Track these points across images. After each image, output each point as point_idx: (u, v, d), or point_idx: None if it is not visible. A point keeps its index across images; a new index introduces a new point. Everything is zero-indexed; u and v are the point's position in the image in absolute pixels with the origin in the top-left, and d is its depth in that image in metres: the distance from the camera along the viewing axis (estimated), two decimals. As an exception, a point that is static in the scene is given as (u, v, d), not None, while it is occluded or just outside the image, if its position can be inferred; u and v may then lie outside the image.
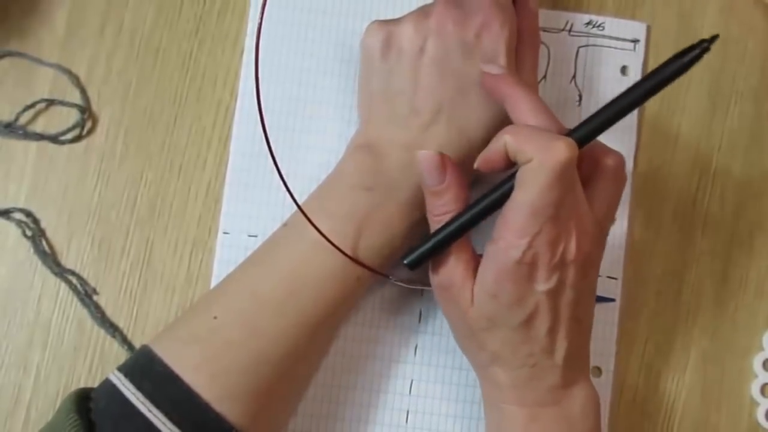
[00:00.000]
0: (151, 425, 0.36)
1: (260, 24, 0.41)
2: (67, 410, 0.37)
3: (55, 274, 0.46)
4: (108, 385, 0.38)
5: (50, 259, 0.46)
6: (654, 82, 0.37)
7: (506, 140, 0.37)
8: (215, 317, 0.39)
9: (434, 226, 0.40)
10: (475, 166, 0.39)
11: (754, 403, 0.48)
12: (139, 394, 0.37)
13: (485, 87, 0.40)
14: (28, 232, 0.46)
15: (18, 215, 0.46)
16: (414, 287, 0.45)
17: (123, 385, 0.37)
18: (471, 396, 0.46)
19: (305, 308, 0.40)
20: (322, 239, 0.39)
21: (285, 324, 0.39)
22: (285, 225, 0.42)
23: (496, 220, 0.38)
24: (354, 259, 0.40)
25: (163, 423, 0.36)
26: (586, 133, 0.37)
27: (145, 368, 0.38)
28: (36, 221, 0.46)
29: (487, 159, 0.38)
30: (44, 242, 0.46)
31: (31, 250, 0.46)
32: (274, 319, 0.39)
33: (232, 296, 0.40)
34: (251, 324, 0.39)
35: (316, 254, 0.40)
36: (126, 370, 0.38)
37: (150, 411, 0.36)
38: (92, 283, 0.46)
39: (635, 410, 0.47)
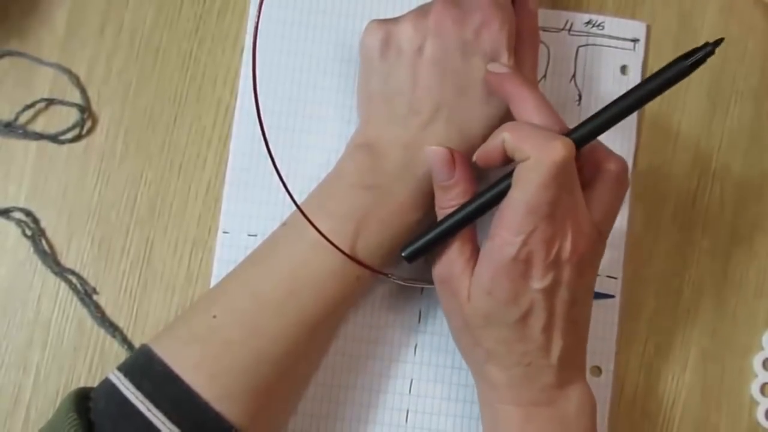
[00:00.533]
0: (150, 425, 0.36)
1: (256, 27, 0.41)
2: (66, 410, 0.37)
3: (55, 274, 0.46)
4: (107, 385, 0.38)
5: (50, 259, 0.46)
6: (656, 84, 0.37)
7: (505, 137, 0.37)
8: (215, 316, 0.39)
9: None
10: (473, 159, 0.39)
11: (754, 403, 0.48)
12: (139, 394, 0.37)
13: (489, 85, 0.40)
14: (28, 232, 0.46)
15: (18, 215, 0.46)
16: (414, 285, 0.45)
17: (122, 384, 0.37)
18: (471, 396, 0.46)
19: (305, 307, 0.40)
20: (322, 239, 0.39)
21: (285, 323, 0.39)
22: (284, 224, 0.42)
23: (493, 217, 0.38)
24: (353, 258, 0.40)
25: (163, 422, 0.36)
26: (585, 134, 0.37)
27: (145, 368, 0.38)
28: (36, 221, 0.46)
29: (485, 154, 0.39)
30: (44, 242, 0.46)
31: (31, 250, 0.46)
32: (274, 318, 0.39)
33: (232, 296, 0.40)
34: (251, 323, 0.39)
35: (316, 254, 0.40)
36: (125, 369, 0.38)
37: (149, 410, 0.36)
38: (92, 282, 0.46)
39: (635, 410, 0.47)
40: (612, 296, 0.47)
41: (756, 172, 0.49)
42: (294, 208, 0.41)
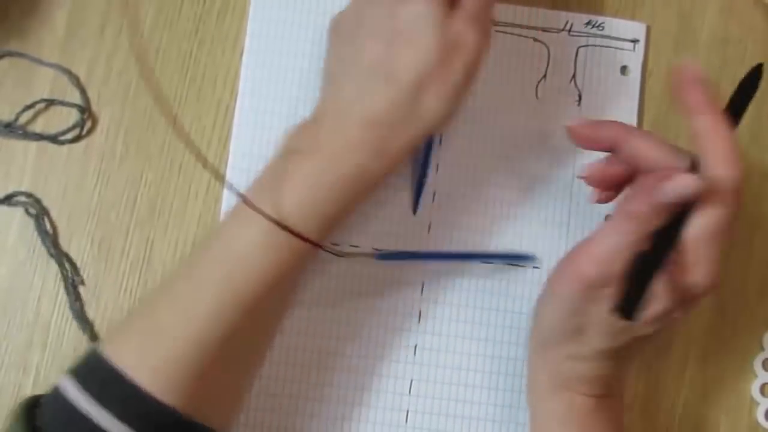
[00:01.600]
0: (96, 428, 0.35)
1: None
2: (13, 419, 0.36)
3: (53, 257, 0.46)
4: (55, 391, 0.37)
5: (50, 239, 0.46)
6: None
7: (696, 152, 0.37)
8: (153, 308, 0.39)
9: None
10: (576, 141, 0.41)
11: (754, 403, 0.48)
12: (86, 397, 0.36)
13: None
14: (30, 220, 0.46)
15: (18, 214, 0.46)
16: (350, 256, 0.44)
17: (70, 388, 0.36)
18: (470, 396, 0.46)
19: (238, 287, 0.38)
20: (252, 213, 0.38)
21: (220, 306, 0.38)
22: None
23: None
24: (277, 222, 0.38)
25: (112, 423, 0.35)
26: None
27: (92, 369, 0.37)
28: (43, 210, 0.46)
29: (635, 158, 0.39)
30: (46, 241, 0.46)
31: (32, 250, 0.46)
32: (208, 302, 0.38)
33: (169, 284, 0.39)
34: (186, 309, 0.38)
35: (243, 227, 0.38)
36: (73, 372, 0.37)
37: (98, 413, 0.35)
38: (92, 283, 0.46)
39: (635, 410, 0.47)
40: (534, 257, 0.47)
41: (756, 172, 0.49)
42: None
